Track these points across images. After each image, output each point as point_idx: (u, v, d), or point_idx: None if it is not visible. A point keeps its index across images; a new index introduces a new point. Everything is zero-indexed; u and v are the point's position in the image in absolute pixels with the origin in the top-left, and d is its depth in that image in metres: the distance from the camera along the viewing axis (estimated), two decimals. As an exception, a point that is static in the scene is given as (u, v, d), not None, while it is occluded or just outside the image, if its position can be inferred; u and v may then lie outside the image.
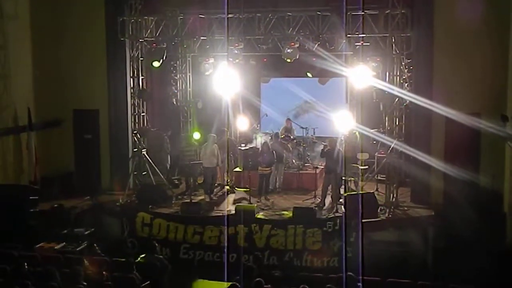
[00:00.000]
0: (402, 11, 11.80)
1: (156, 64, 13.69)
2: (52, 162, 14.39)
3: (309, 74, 15.95)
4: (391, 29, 11.90)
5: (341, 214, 11.81)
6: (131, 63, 13.67)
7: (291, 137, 15.62)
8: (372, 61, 12.94)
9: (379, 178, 13.60)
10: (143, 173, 13.70)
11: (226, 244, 11.46)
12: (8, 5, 12.96)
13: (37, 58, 13.93)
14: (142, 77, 13.76)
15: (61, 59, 14.50)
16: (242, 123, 15.33)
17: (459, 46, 12.47)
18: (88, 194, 13.87)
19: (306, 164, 15.31)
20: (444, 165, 12.38)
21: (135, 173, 13.60)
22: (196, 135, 14.93)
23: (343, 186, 12.82)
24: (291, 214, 11.95)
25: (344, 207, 12.15)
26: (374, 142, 14.00)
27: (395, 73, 12.37)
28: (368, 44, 12.95)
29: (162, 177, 14.08)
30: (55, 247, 11.54)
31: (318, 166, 14.79)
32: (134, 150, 13.79)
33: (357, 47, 13.15)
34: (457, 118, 12.01)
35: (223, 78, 13.57)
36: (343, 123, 13.37)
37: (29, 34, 13.71)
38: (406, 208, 12.45)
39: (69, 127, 14.82)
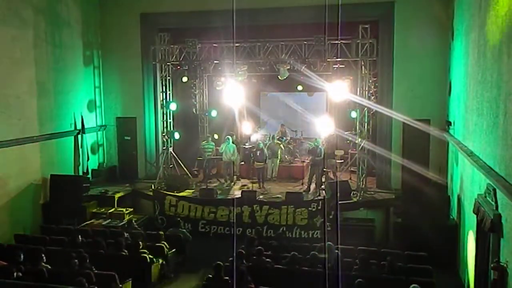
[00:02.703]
0: (370, 41, 11.81)
1: (184, 79, 13.92)
2: (100, 158, 14.47)
3: (299, 88, 15.97)
4: (361, 55, 11.91)
5: (322, 197, 11.85)
6: (161, 81, 13.69)
7: (284, 138, 15.67)
8: (346, 79, 13.01)
9: (351, 169, 13.61)
10: (170, 166, 13.74)
11: (234, 220, 11.52)
12: (66, 37, 13.02)
13: (88, 79, 14.00)
14: (169, 92, 13.78)
15: (107, 79, 14.58)
16: (246, 127, 15.39)
17: (413, 68, 12.52)
18: (128, 182, 13.94)
19: (295, 159, 15.36)
20: (401, 159, 12.43)
21: (164, 165, 13.63)
22: (215, 136, 15.19)
23: (324, 176, 12.86)
24: (284, 197, 11.99)
25: (325, 192, 12.21)
26: (348, 141, 14.04)
27: (364, 89, 12.35)
28: (343, 66, 13.00)
29: (185, 168, 14.11)
30: (102, 223, 11.60)
31: (305, 161, 14.83)
32: (163, 148, 13.82)
33: (335, 68, 13.19)
34: (411, 123, 12.07)
35: (232, 92, 13.62)
36: (324, 127, 13.42)
37: (82, 59, 13.77)
38: (372, 193, 12.47)
39: (113, 131, 14.89)
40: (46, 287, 7.38)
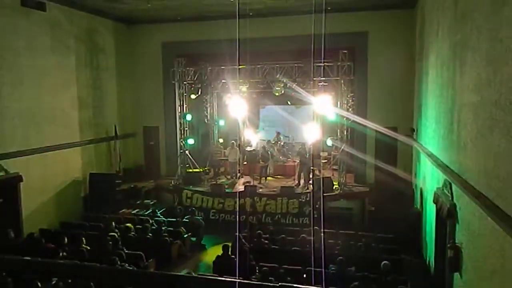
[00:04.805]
0: (348, 64, 11.80)
1: (193, 96, 13.78)
2: (129, 159, 14.44)
3: (288, 102, 15.92)
4: (341, 75, 11.90)
5: (310, 190, 11.81)
6: (179, 96, 13.65)
7: (279, 142, 15.64)
8: (329, 94, 13.00)
9: (334, 167, 13.55)
10: (186, 165, 13.70)
11: (238, 210, 11.49)
12: (101, 61, 13.04)
13: (120, 95, 14.00)
14: (185, 105, 13.75)
15: (135, 95, 14.57)
16: (248, 134, 15.37)
17: (383, 85, 12.52)
18: (152, 178, 13.91)
19: (288, 159, 15.30)
20: (374, 160, 12.42)
21: (181, 165, 13.59)
22: (221, 140, 15.10)
23: (311, 173, 12.81)
24: (279, 190, 11.95)
25: (312, 186, 12.16)
26: (331, 145, 14.00)
27: (343, 102, 12.36)
28: (326, 84, 12.97)
29: (198, 167, 14.08)
30: (132, 212, 11.59)
31: (296, 161, 14.78)
32: (181, 151, 13.77)
33: (319, 86, 13.16)
34: (382, 130, 12.05)
35: (236, 105, 13.60)
36: (311, 133, 13.38)
37: (114, 79, 13.77)
38: (351, 186, 12.42)
39: (140, 137, 14.88)
40: (85, 265, 7.34)
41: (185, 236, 9.68)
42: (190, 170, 13.43)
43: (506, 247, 3.94)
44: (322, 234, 8.38)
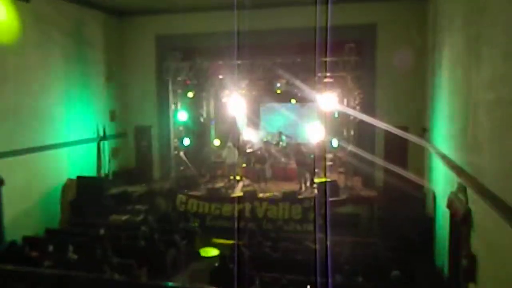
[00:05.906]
0: (355, 58, 11.81)
1: (189, 94, 13.76)
2: (120, 161, 14.43)
3: (293, 101, 15.91)
4: (347, 70, 11.91)
5: (314, 195, 11.81)
6: (173, 94, 13.65)
7: (280, 143, 15.63)
8: (334, 91, 12.98)
9: (340, 170, 13.56)
10: (181, 168, 13.70)
11: (237, 216, 11.47)
12: (90, 56, 13.04)
13: (109, 92, 13.98)
14: (180, 104, 13.72)
15: (126, 92, 14.57)
16: (247, 134, 15.36)
17: (392, 82, 12.52)
18: (144, 182, 13.90)
19: (290, 161, 15.28)
20: (383, 161, 12.41)
21: (176, 168, 13.58)
22: (216, 142, 15.05)
23: (315, 176, 12.80)
24: (281, 195, 11.94)
25: (317, 190, 12.15)
26: (336, 146, 13.98)
27: (350, 100, 12.36)
28: (332, 80, 12.95)
29: (194, 170, 14.06)
30: (122, 218, 11.53)
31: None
32: (175, 152, 13.77)
33: (324, 82, 13.15)
34: (392, 130, 12.05)
35: (235, 103, 13.61)
36: (315, 133, 13.39)
37: (104, 75, 13.76)
38: (358, 190, 12.43)
39: (131, 137, 14.88)
40: (72, 275, 7.35)
41: (179, 244, 9.67)
42: (185, 173, 13.42)
43: (525, 255, 3.94)
44: (327, 242, 8.40)
